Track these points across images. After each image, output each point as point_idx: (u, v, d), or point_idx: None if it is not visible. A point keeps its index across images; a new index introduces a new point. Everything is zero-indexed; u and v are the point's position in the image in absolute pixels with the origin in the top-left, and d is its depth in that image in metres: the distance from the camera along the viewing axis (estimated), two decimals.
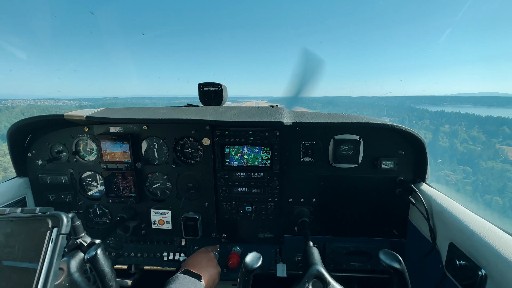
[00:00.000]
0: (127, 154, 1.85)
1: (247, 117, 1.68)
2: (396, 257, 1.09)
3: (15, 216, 0.94)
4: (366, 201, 1.87)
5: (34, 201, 2.02)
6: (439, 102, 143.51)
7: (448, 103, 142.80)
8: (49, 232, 0.90)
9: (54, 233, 0.90)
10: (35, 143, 1.95)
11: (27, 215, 0.94)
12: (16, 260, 0.87)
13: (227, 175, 1.86)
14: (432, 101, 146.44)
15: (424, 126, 76.73)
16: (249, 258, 1.16)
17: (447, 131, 71.61)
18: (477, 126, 70.52)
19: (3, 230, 0.93)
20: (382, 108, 64.36)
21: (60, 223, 0.92)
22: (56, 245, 0.89)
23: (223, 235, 1.99)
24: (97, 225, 2.07)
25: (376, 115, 59.67)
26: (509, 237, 1.12)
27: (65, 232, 0.93)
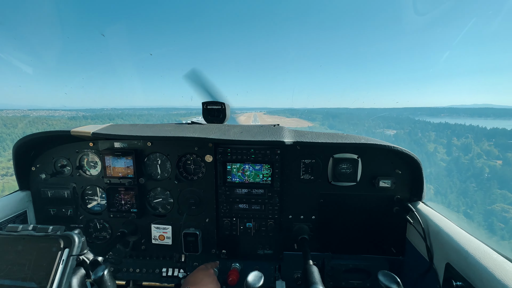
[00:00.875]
0: (130, 169, 1.88)
1: (250, 136, 1.73)
2: (395, 279, 1.12)
3: (27, 234, 0.96)
4: (364, 219, 1.90)
5: (35, 215, 2.03)
6: (437, 113, 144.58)
7: (445, 114, 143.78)
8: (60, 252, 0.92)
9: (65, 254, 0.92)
10: (39, 157, 1.98)
11: (39, 234, 0.96)
12: (25, 280, 0.88)
13: (229, 192, 1.89)
14: (430, 112, 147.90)
15: (431, 139, 74.97)
16: (251, 278, 1.18)
17: (457, 144, 69.45)
18: (484, 139, 68.28)
19: (14, 247, 0.94)
20: (384, 119, 64.35)
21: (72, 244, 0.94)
22: (67, 266, 0.91)
23: (223, 251, 2.00)
24: (96, 239, 2.06)
25: (378, 127, 58.67)
26: (503, 259, 1.15)
27: (76, 253, 0.95)
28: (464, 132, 74.75)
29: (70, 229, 2.05)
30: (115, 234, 1.93)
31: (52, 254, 0.90)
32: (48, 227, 0.96)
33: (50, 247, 0.92)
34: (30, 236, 0.94)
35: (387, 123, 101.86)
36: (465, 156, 60.57)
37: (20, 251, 0.93)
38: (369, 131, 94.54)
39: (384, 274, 1.14)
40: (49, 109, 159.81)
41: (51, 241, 0.93)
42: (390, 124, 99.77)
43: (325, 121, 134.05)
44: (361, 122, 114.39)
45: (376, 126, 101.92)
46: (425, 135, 78.55)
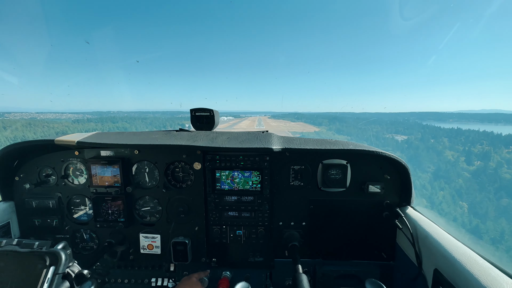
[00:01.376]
0: (117, 178, 1.85)
1: (237, 143, 1.72)
2: (381, 287, 1.11)
3: (11, 250, 0.92)
4: (354, 225, 1.90)
5: (18, 225, 1.97)
6: (444, 118, 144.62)
7: (454, 119, 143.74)
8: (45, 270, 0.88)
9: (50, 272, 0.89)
10: (23, 167, 1.93)
11: (24, 250, 0.92)
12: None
13: (218, 199, 1.87)
14: (437, 117, 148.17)
15: (446, 145, 70.27)
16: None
17: (475, 151, 63.94)
18: (502, 146, 64.84)
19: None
20: (391, 124, 64.17)
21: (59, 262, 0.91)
22: (52, 285, 0.87)
23: (213, 260, 1.97)
24: (83, 250, 2.01)
25: (386, 131, 58.41)
26: (488, 265, 1.16)
27: (62, 271, 0.92)
28: (479, 139, 71.82)
29: (55, 240, 2.00)
30: (102, 244, 1.89)
31: (37, 271, 0.87)
32: (33, 243, 0.92)
33: (35, 264, 0.88)
34: (14, 252, 0.90)
35: (394, 128, 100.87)
36: (485, 164, 56.19)
37: (2, 267, 0.89)
38: (378, 136, 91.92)
39: (371, 282, 1.14)
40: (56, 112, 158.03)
41: (37, 258, 0.89)
42: (398, 129, 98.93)
43: (331, 125, 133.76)
44: (369, 127, 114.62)
45: (384, 131, 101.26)
46: (438, 141, 75.82)
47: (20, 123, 59.08)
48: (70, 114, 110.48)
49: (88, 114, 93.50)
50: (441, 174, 53.36)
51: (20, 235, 1.98)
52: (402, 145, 79.01)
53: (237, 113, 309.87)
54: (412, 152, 68.81)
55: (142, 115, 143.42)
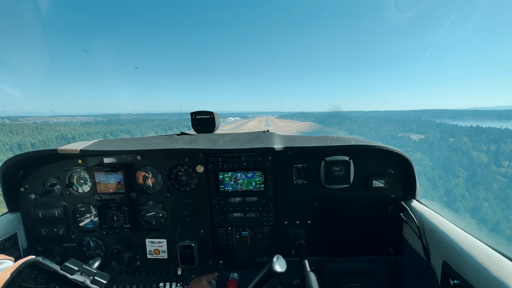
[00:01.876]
0: (121, 185, 1.85)
1: (239, 144, 1.72)
2: None
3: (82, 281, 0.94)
4: (360, 220, 1.89)
5: (26, 236, 1.98)
6: (459, 116, 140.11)
7: (469, 117, 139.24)
8: None
9: None
10: (28, 177, 1.94)
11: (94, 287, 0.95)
12: None
13: (222, 201, 1.87)
14: (452, 115, 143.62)
15: (468, 145, 63.52)
16: None
17: (504, 151, 57.29)
18: None
19: None
20: (404, 123, 62.14)
21: None
22: None
23: (220, 262, 1.96)
24: (91, 258, 2.02)
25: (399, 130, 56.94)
26: (497, 255, 1.15)
27: None
28: (501, 136, 65.82)
29: (63, 249, 2.00)
30: (109, 251, 1.89)
31: None
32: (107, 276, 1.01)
33: None
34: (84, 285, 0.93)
35: (407, 127, 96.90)
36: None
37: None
38: (393, 136, 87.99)
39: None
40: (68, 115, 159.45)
41: None
42: (411, 128, 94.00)
43: (341, 125, 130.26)
44: (381, 126, 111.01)
45: (396, 130, 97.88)
46: (459, 140, 70.54)
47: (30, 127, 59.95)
48: (81, 117, 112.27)
49: (99, 116, 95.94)
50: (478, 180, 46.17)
51: (28, 245, 1.99)
52: (421, 144, 74.28)
53: (244, 113, 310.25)
54: (437, 154, 63.05)
55: (150, 117, 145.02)
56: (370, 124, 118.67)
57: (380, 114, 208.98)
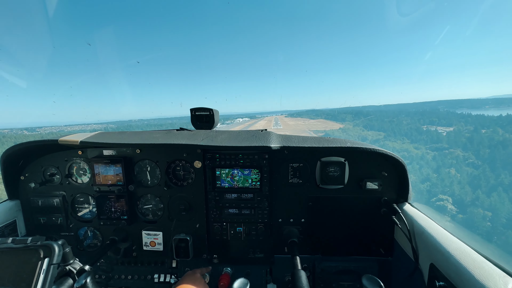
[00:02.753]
0: (119, 177, 1.89)
1: (236, 141, 1.75)
2: (378, 282, 1.14)
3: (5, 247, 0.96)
4: (353, 221, 1.92)
5: (24, 224, 2.02)
6: (479, 105, 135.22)
7: (490, 105, 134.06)
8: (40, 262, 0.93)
9: (45, 263, 0.93)
10: (28, 166, 1.97)
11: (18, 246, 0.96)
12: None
13: (218, 197, 1.91)
14: (471, 104, 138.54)
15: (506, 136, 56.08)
16: (237, 285, 1.20)
17: None
18: None
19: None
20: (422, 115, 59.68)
21: (52, 253, 0.95)
22: (47, 275, 0.92)
23: (214, 256, 2.00)
24: (88, 247, 2.06)
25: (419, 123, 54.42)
26: (482, 259, 1.18)
27: (56, 262, 0.96)
28: None
29: (60, 238, 2.05)
30: (106, 241, 1.93)
31: (32, 264, 0.91)
32: (27, 239, 0.96)
33: (30, 258, 0.92)
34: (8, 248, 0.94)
35: (427, 119, 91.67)
36: None
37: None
38: (419, 129, 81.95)
39: (368, 278, 1.17)
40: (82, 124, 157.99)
41: (31, 252, 0.93)
42: (432, 120, 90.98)
43: (356, 120, 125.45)
44: (398, 119, 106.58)
45: (416, 123, 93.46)
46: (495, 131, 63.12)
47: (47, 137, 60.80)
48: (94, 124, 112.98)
49: (111, 123, 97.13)
50: None
51: (26, 233, 2.03)
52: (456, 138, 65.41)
53: (253, 114, 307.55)
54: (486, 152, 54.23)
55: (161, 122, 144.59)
56: (389, 117, 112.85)
57: (393, 107, 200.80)
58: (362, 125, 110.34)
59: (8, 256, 0.95)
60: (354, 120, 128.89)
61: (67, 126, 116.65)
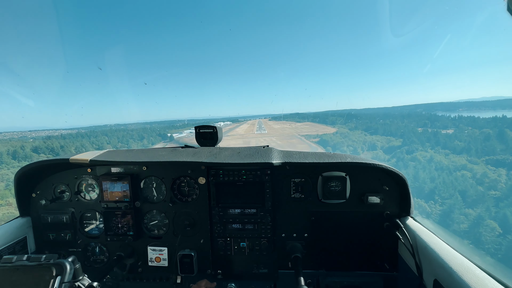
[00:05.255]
0: (126, 193, 1.94)
1: (239, 158, 1.81)
2: None
3: (21, 264, 1.02)
4: (356, 235, 1.93)
5: (34, 240, 2.07)
6: (453, 108, 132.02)
7: (463, 108, 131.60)
8: (52, 280, 0.97)
9: (57, 281, 0.98)
10: (39, 184, 2.05)
11: (32, 264, 1.01)
12: None
13: (222, 212, 1.94)
14: (446, 107, 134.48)
15: None
16: None
17: None
18: None
19: (9, 278, 1.00)
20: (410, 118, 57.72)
21: (64, 271, 1.00)
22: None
23: (219, 272, 2.01)
24: (94, 263, 2.10)
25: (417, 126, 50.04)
26: (484, 275, 1.18)
27: (68, 280, 1.01)
28: None
29: (68, 253, 2.10)
30: (113, 257, 1.97)
31: (45, 282, 0.95)
32: (41, 256, 1.01)
33: (43, 275, 0.97)
34: (24, 266, 0.99)
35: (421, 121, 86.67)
36: None
37: (14, 281, 0.98)
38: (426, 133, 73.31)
39: None
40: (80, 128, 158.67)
41: (44, 270, 0.98)
42: (424, 123, 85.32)
43: (350, 123, 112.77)
44: (393, 122, 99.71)
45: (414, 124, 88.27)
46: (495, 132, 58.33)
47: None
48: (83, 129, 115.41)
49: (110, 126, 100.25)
50: None
51: (36, 249, 2.08)
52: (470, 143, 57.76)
53: (235, 118, 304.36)
54: None
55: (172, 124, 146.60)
56: (385, 120, 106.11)
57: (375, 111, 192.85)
58: (361, 129, 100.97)
59: (23, 273, 0.99)
60: (346, 123, 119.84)
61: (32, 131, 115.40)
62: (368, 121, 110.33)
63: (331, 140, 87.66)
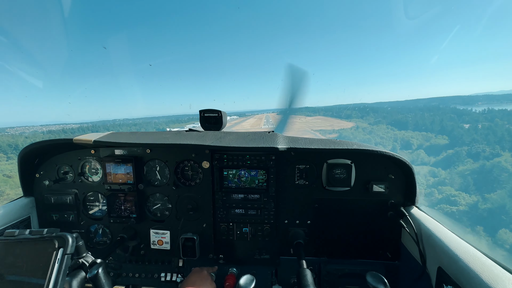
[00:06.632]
0: (130, 176, 1.94)
1: (244, 142, 1.79)
2: (382, 280, 1.14)
3: (23, 237, 1.01)
4: (359, 224, 1.92)
5: (38, 220, 2.09)
6: (472, 102, 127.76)
7: (483, 102, 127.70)
8: (55, 252, 0.97)
9: (60, 253, 0.97)
10: (43, 165, 2.05)
11: (35, 237, 1.01)
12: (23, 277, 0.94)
13: (225, 197, 1.94)
14: (464, 101, 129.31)
15: None
16: (243, 281, 1.22)
17: None
18: None
19: (12, 251, 1.00)
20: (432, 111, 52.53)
21: (66, 243, 1.00)
22: (62, 264, 0.96)
23: (220, 256, 2.02)
24: (97, 244, 2.11)
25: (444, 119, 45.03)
26: (491, 263, 1.17)
27: (70, 252, 1.01)
28: None
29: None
30: (115, 239, 1.98)
31: (47, 254, 0.95)
32: (43, 230, 1.01)
33: (46, 248, 0.97)
34: (26, 239, 0.99)
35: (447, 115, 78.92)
36: None
37: (17, 254, 0.98)
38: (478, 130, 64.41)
39: (372, 275, 1.17)
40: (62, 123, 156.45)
41: (46, 243, 0.98)
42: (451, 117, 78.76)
43: (367, 117, 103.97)
44: (423, 116, 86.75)
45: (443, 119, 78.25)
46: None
47: None
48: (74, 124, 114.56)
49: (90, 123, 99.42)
50: None
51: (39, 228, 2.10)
52: None
53: (242, 112, 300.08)
54: None
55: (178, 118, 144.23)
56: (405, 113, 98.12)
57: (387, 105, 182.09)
58: (385, 123, 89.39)
59: (25, 246, 0.99)
60: (364, 116, 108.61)
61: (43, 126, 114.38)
62: (387, 114, 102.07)
63: (353, 136, 77.86)
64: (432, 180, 49.70)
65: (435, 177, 50.49)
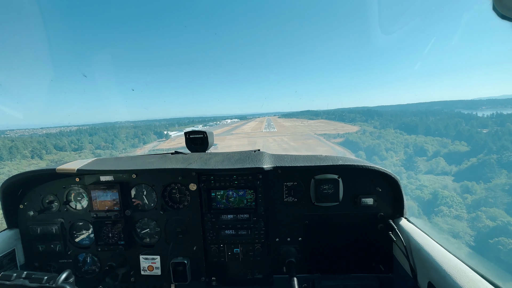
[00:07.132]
0: (116, 202, 1.91)
1: (230, 164, 1.78)
2: None
3: (21, 284, 0.97)
4: (350, 238, 1.91)
5: (23, 252, 2.03)
6: (475, 106, 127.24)
7: (486, 106, 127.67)
8: None
9: None
10: (27, 195, 2.00)
11: (33, 286, 0.97)
12: None
13: (214, 218, 1.91)
14: (467, 105, 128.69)
15: None
16: None
17: None
18: None
19: None
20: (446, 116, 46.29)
21: None
22: None
23: (213, 279, 1.99)
24: (86, 274, 2.05)
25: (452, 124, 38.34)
26: (478, 277, 1.17)
27: None
28: None
29: (59, 265, 2.04)
30: (104, 267, 1.93)
31: None
32: (42, 277, 0.96)
33: None
34: (24, 286, 0.95)
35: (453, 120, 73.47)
36: None
37: None
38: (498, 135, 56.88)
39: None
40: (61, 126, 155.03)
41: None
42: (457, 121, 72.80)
43: (372, 121, 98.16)
44: (419, 120, 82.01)
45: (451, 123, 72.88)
46: None
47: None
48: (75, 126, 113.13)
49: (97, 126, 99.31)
50: None
51: (25, 261, 2.03)
52: None
53: (243, 115, 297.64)
54: None
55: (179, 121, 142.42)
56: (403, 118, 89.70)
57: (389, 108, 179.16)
58: (392, 127, 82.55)
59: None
60: (368, 120, 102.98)
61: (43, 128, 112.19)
62: (392, 117, 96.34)
63: (361, 140, 70.94)
64: (470, 198, 37.21)
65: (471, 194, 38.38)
